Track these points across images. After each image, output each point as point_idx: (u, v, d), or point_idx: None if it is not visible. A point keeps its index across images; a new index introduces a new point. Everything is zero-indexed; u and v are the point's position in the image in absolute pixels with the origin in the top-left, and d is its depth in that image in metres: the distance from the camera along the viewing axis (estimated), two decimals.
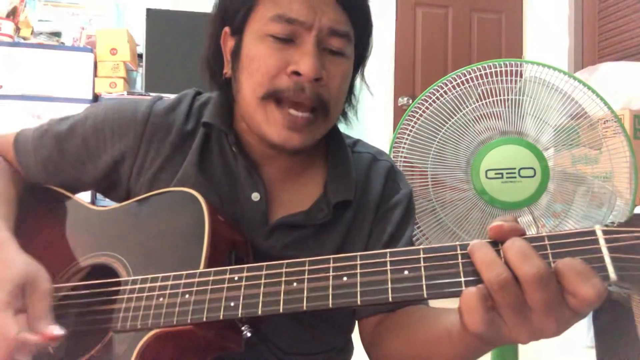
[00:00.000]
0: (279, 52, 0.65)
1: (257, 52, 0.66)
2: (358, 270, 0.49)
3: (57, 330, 0.55)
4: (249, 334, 0.60)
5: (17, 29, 3.02)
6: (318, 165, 0.78)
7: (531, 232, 1.24)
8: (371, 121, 3.49)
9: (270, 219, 0.72)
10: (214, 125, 0.73)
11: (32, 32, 3.07)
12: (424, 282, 0.46)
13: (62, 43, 3.10)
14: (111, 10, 3.32)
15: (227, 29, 0.72)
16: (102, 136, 0.75)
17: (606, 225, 0.44)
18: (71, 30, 3.13)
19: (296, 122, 0.65)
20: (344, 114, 0.79)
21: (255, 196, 0.72)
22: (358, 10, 0.69)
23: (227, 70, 0.73)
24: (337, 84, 0.67)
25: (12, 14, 2.99)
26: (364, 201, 0.76)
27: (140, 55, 3.10)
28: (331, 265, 0.51)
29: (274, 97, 0.65)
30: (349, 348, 0.82)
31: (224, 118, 0.74)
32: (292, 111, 0.65)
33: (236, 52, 0.70)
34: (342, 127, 0.82)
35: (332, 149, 0.78)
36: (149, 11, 2.94)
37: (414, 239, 1.24)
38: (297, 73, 0.64)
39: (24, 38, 3.04)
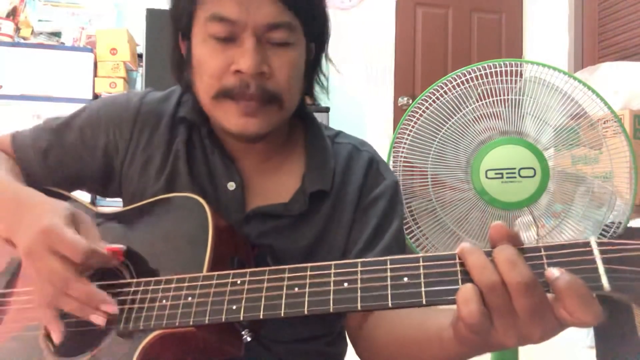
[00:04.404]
0: (221, 52, 0.67)
1: (202, 55, 0.68)
2: (359, 277, 0.50)
3: (118, 245, 0.62)
4: (248, 339, 0.60)
5: (17, 29, 3.02)
6: (297, 157, 0.79)
7: (531, 232, 1.25)
8: (371, 121, 3.49)
9: (247, 209, 0.74)
10: (189, 120, 0.76)
11: (32, 32, 3.07)
12: (422, 288, 0.47)
13: (62, 43, 3.10)
14: (111, 10, 3.32)
15: (180, 35, 0.74)
16: (96, 126, 0.78)
17: (599, 237, 0.45)
18: (71, 30, 3.13)
19: (250, 108, 0.67)
20: (312, 95, 0.80)
21: (231, 185, 0.74)
22: None
23: (186, 72, 0.74)
24: (284, 74, 0.68)
25: (12, 14, 2.99)
26: (343, 192, 0.76)
27: (140, 55, 3.10)
28: (332, 271, 0.51)
29: (225, 95, 0.68)
30: (339, 341, 0.82)
31: (200, 113, 0.76)
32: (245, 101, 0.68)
33: (188, 57, 0.72)
34: (342, 122, 0.82)
35: (310, 141, 0.79)
36: (149, 11, 2.94)
37: (414, 239, 1.25)
38: (240, 71, 0.66)
39: (24, 38, 3.04)
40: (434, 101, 1.23)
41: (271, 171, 0.77)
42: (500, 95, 1.21)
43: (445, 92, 1.23)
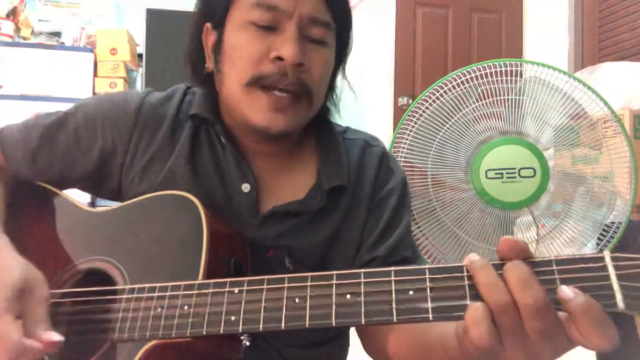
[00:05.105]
0: (261, 39, 0.66)
1: (240, 40, 0.67)
2: (362, 289, 0.47)
3: (57, 337, 0.54)
4: (247, 343, 0.59)
5: (17, 29, 3.02)
6: (309, 155, 0.78)
7: (531, 232, 1.25)
8: (371, 121, 3.49)
9: (261, 210, 0.72)
10: (202, 117, 0.74)
11: (32, 32, 3.08)
12: (429, 304, 0.45)
13: (62, 43, 3.10)
14: (111, 10, 3.32)
15: (208, 25, 0.73)
16: (93, 127, 0.75)
17: (611, 250, 0.43)
18: (71, 30, 3.13)
19: (281, 103, 0.67)
20: (326, 108, 0.80)
21: (245, 187, 0.72)
22: (338, 0, 0.70)
23: (209, 64, 0.73)
24: (318, 71, 0.69)
25: (12, 14, 3.00)
26: (359, 187, 0.76)
27: (140, 55, 3.10)
28: (334, 282, 0.49)
29: (259, 83, 0.67)
30: (346, 344, 0.82)
31: (212, 110, 0.75)
32: (277, 92, 0.66)
33: (218, 46, 0.71)
34: (342, 122, 0.82)
35: (322, 137, 0.78)
36: (149, 11, 2.94)
37: (414, 239, 1.25)
38: (279, 58, 0.65)
39: (24, 38, 3.04)
40: (434, 101, 1.23)
41: (284, 170, 0.76)
42: (500, 95, 1.21)
43: (445, 92, 1.23)
